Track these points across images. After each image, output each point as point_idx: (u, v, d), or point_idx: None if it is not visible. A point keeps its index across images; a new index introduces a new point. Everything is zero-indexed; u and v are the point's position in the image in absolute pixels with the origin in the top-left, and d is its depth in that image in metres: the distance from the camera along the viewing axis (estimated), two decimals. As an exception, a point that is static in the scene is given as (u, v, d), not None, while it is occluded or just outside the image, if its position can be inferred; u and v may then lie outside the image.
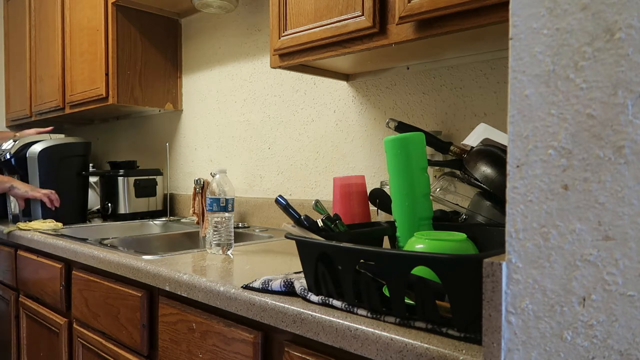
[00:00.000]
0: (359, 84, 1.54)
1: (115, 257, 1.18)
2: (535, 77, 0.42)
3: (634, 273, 0.38)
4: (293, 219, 0.84)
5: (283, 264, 1.06)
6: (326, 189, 1.64)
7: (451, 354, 0.56)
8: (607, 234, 0.39)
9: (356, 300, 0.70)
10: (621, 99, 0.38)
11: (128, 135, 2.59)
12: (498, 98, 1.24)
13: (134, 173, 2.14)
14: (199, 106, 2.15)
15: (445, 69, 1.34)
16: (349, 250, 0.68)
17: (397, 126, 1.09)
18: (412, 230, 0.82)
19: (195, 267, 1.03)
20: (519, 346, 0.43)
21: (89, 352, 1.35)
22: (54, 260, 1.49)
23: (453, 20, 0.96)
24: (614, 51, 0.39)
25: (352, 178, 1.18)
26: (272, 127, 1.82)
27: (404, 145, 0.82)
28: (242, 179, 1.95)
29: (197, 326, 0.95)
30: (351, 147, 1.57)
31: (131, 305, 1.14)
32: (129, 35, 2.05)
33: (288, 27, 1.26)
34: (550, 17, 0.42)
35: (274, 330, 0.83)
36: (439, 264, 0.59)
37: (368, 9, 1.08)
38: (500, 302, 0.44)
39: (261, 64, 1.86)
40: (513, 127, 0.44)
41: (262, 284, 0.83)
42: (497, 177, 0.90)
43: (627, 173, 0.38)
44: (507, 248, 0.44)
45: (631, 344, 0.38)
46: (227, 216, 1.19)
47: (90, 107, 2.16)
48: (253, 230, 1.68)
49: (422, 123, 1.39)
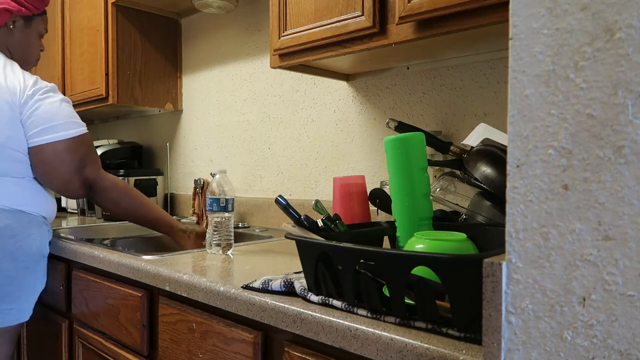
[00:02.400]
0: (359, 84, 1.54)
1: (115, 257, 1.18)
2: (535, 77, 0.42)
3: (634, 273, 0.38)
4: (293, 219, 0.84)
5: (283, 264, 1.06)
6: (326, 189, 1.64)
7: (451, 354, 0.56)
8: (607, 234, 0.39)
9: (356, 300, 0.70)
10: (621, 99, 0.38)
11: (128, 135, 2.59)
12: (498, 98, 1.24)
13: (134, 173, 2.14)
14: (199, 106, 2.15)
15: (445, 69, 1.34)
16: (349, 250, 0.68)
17: (397, 126, 1.09)
18: (412, 230, 0.82)
19: (195, 267, 1.03)
20: (519, 346, 0.43)
21: (89, 352, 1.35)
22: (54, 260, 1.49)
23: (453, 20, 0.96)
24: (614, 51, 0.39)
25: (352, 178, 1.18)
26: (272, 127, 1.82)
27: (404, 145, 0.82)
28: (242, 179, 1.95)
29: (197, 326, 0.95)
30: (351, 147, 1.57)
31: (131, 305, 1.14)
32: (129, 35, 2.05)
33: (288, 27, 1.26)
34: (550, 17, 0.42)
35: (274, 330, 0.83)
36: (439, 264, 0.59)
37: (368, 9, 1.08)
38: (500, 302, 0.44)
39: (261, 64, 1.86)
40: (513, 127, 0.44)
41: (262, 284, 0.83)
42: (497, 177, 0.90)
43: (627, 173, 0.38)
44: (507, 248, 0.44)
45: (631, 344, 0.38)
46: (227, 216, 1.19)
47: (90, 107, 2.16)
48: (253, 230, 1.68)
49: (422, 123, 1.39)
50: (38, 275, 1.34)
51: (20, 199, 1.31)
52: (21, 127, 1.29)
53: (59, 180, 1.34)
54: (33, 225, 1.32)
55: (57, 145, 1.31)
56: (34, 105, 1.30)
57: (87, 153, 1.37)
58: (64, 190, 1.37)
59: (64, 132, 1.32)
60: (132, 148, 2.36)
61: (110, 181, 1.39)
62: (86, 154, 1.37)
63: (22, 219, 1.30)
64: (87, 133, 1.39)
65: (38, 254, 1.33)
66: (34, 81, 1.34)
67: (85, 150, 1.37)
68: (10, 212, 1.29)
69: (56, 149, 1.31)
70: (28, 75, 1.35)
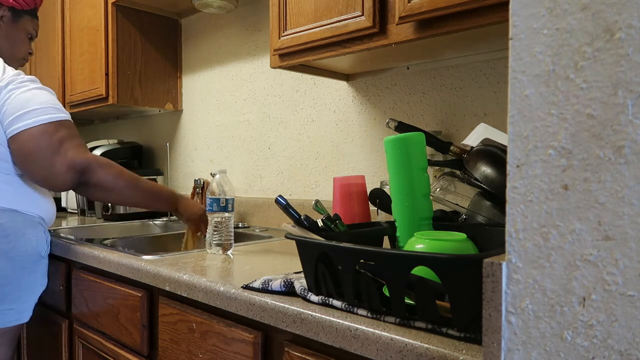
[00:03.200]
0: (359, 84, 1.54)
1: (115, 257, 1.18)
2: (535, 77, 0.42)
3: (634, 273, 0.38)
4: (293, 219, 0.84)
5: (283, 264, 1.06)
6: (326, 189, 1.64)
7: (451, 354, 0.56)
8: (607, 234, 0.39)
9: (356, 300, 0.70)
10: (621, 99, 0.38)
11: (128, 135, 2.59)
12: (498, 98, 1.24)
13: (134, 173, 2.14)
14: (199, 106, 2.15)
15: (445, 69, 1.34)
16: (349, 250, 0.68)
17: (397, 126, 1.09)
18: (412, 230, 0.82)
19: (195, 267, 1.03)
20: (519, 346, 0.43)
21: (89, 352, 1.35)
22: (54, 260, 1.49)
23: (453, 20, 0.96)
24: (614, 51, 0.39)
25: (352, 178, 1.18)
26: (272, 127, 1.82)
27: (404, 145, 0.82)
28: (242, 179, 1.95)
29: (197, 326, 0.95)
30: (351, 147, 1.57)
31: (131, 305, 1.14)
32: (129, 35, 2.05)
33: (288, 27, 1.26)
34: (550, 17, 0.42)
35: (274, 330, 0.83)
36: (439, 264, 0.59)
37: (368, 9, 1.08)
38: (500, 302, 0.44)
39: (261, 64, 1.86)
40: (513, 127, 0.44)
41: (262, 284, 0.83)
42: (497, 177, 0.90)
43: (627, 173, 0.38)
44: (507, 248, 0.44)
45: (631, 344, 0.38)
46: (227, 216, 1.19)
47: (90, 107, 2.16)
48: (253, 230, 1.68)
49: (422, 123, 1.39)
50: (37, 275, 1.33)
51: (13, 198, 1.28)
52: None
53: (40, 167, 1.22)
54: (28, 225, 1.29)
55: (32, 130, 1.21)
56: (7, 94, 1.23)
57: (67, 136, 1.24)
58: (48, 178, 1.24)
59: (40, 117, 1.22)
60: (132, 148, 2.36)
61: (104, 159, 1.29)
62: (66, 136, 1.24)
63: (16, 219, 1.27)
64: (69, 120, 1.28)
65: (35, 254, 1.31)
66: (14, 74, 1.27)
67: (66, 133, 1.24)
68: (4, 211, 1.26)
69: (32, 134, 1.21)
70: (10, 69, 1.29)
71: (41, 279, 1.35)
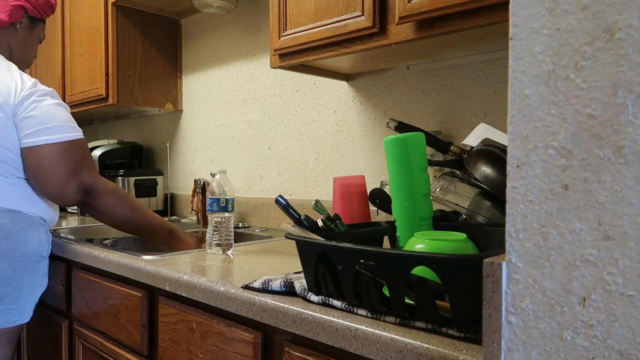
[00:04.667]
0: (359, 84, 1.54)
1: (116, 257, 1.18)
2: (535, 77, 0.42)
3: (634, 273, 0.38)
4: (293, 219, 0.84)
5: (283, 264, 1.06)
6: (326, 189, 1.64)
7: (451, 354, 0.56)
8: (607, 234, 0.39)
9: (356, 300, 0.70)
10: (621, 99, 0.38)
11: (128, 135, 2.59)
12: (498, 98, 1.24)
13: (134, 173, 2.14)
14: (199, 106, 2.15)
15: (445, 69, 1.34)
16: (349, 250, 0.68)
17: (397, 126, 1.09)
18: (412, 230, 0.82)
19: (195, 267, 1.03)
20: (519, 346, 0.43)
21: (89, 352, 1.35)
22: (54, 260, 1.49)
23: (453, 20, 0.96)
24: (614, 51, 0.39)
25: (352, 178, 1.18)
26: (272, 127, 1.82)
27: (404, 145, 0.82)
28: (242, 179, 1.95)
29: (197, 326, 0.95)
30: (351, 147, 1.57)
31: (131, 305, 1.14)
32: (129, 35, 2.05)
33: (288, 27, 1.26)
34: (550, 17, 0.42)
35: (274, 330, 0.83)
36: (439, 264, 0.59)
37: (368, 9, 1.08)
38: (500, 302, 0.44)
39: (261, 64, 1.86)
40: (513, 127, 0.44)
41: (262, 284, 0.83)
42: (497, 177, 0.90)
43: (627, 173, 0.38)
44: (507, 248, 0.44)
45: (631, 344, 0.38)
46: (227, 216, 1.19)
47: (90, 107, 2.16)
48: (253, 230, 1.68)
49: (422, 123, 1.39)
50: (38, 276, 1.34)
51: (16, 199, 1.29)
52: (14, 128, 1.27)
53: (55, 184, 1.29)
54: (29, 225, 1.31)
55: (53, 147, 1.28)
56: (30, 105, 1.28)
57: (83, 158, 1.33)
58: (59, 195, 1.31)
59: (61, 134, 1.29)
60: (132, 148, 2.36)
61: (111, 185, 1.36)
62: (82, 158, 1.33)
63: (18, 219, 1.29)
64: (84, 139, 1.36)
65: (36, 254, 1.32)
66: (33, 83, 1.32)
67: (82, 155, 1.33)
68: (6, 211, 1.27)
69: (52, 151, 1.28)
70: (27, 77, 1.34)
71: (42, 280, 1.35)
